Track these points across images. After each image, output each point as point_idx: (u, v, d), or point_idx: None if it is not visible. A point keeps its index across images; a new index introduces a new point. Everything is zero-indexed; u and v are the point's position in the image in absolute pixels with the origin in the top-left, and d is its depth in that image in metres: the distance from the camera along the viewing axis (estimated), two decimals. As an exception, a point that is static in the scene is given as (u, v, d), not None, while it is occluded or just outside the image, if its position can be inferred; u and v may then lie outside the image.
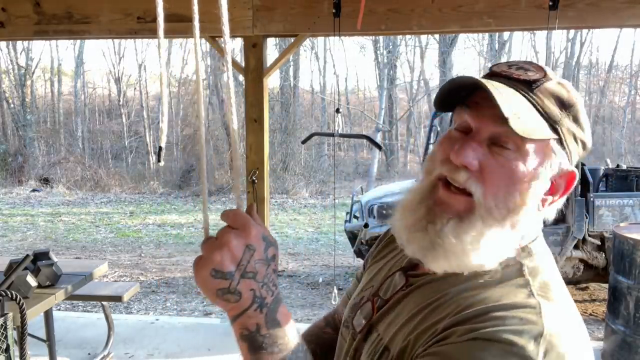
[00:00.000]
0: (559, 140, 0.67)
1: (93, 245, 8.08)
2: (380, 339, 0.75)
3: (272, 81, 18.29)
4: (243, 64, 3.51)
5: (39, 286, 2.62)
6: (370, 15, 3.11)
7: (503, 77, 0.69)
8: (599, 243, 5.07)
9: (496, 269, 0.68)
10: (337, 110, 3.48)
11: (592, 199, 4.91)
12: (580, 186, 4.84)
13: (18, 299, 1.91)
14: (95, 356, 3.47)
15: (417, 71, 19.69)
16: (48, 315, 2.97)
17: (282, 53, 3.63)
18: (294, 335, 0.62)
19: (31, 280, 2.50)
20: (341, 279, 6.12)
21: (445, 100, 0.71)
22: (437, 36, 16.06)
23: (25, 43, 17.52)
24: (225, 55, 0.63)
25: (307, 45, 18.93)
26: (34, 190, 13.71)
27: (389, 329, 0.74)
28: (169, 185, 14.21)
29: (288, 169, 15.14)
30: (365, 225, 5.20)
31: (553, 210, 0.73)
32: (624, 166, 6.17)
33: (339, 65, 20.10)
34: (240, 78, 13.49)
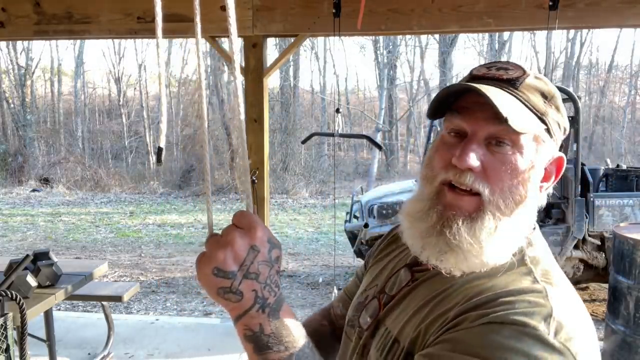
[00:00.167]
0: (547, 130, 0.71)
1: (93, 245, 8.08)
2: (388, 332, 0.76)
3: (272, 81, 18.30)
4: (243, 64, 3.52)
5: (39, 286, 2.62)
6: (370, 15, 3.11)
7: (486, 79, 0.72)
8: (599, 243, 5.07)
9: None
10: (337, 110, 3.48)
11: (592, 199, 4.90)
12: (580, 186, 4.84)
13: (18, 299, 1.91)
14: (95, 356, 3.47)
15: (417, 71, 19.72)
16: (48, 315, 2.97)
17: (282, 53, 3.63)
18: (300, 333, 0.62)
19: (31, 280, 2.50)
20: (341, 279, 6.12)
21: (435, 108, 0.74)
22: (437, 36, 16.07)
23: (25, 43, 17.54)
24: (232, 56, 0.63)
25: (307, 45, 18.93)
26: (34, 190, 13.71)
27: (397, 322, 0.76)
28: (169, 185, 14.21)
29: (288, 169, 15.14)
30: (365, 225, 5.21)
31: (545, 196, 0.77)
32: (624, 166, 6.17)
33: (339, 65, 20.12)
34: (241, 78, 13.49)
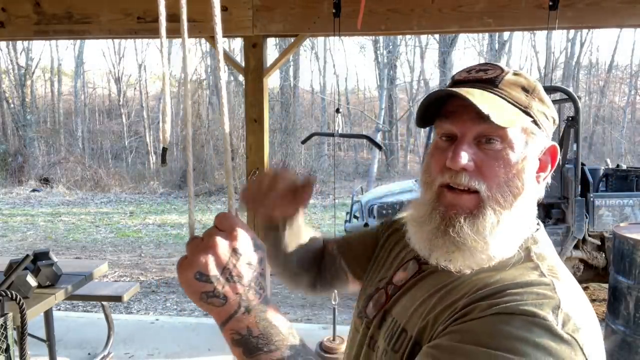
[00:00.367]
0: (534, 121, 0.73)
1: (93, 245, 8.08)
2: (396, 322, 0.77)
3: (272, 81, 18.31)
4: (243, 64, 3.51)
5: (39, 286, 2.62)
6: (370, 15, 3.11)
7: (467, 82, 0.75)
8: (599, 243, 5.07)
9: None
10: (337, 110, 3.47)
11: (592, 199, 4.90)
12: (580, 186, 4.84)
13: (18, 299, 1.91)
14: (95, 356, 3.48)
15: (417, 71, 19.72)
16: (48, 315, 2.97)
17: (282, 53, 3.63)
18: (289, 331, 0.62)
19: (31, 280, 2.50)
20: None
21: (423, 117, 0.76)
22: (437, 36, 16.07)
23: (25, 43, 17.54)
24: (217, 55, 0.63)
25: (307, 45, 18.94)
26: (34, 190, 13.71)
27: (404, 312, 0.77)
28: (169, 185, 14.21)
29: (288, 169, 15.10)
30: (365, 225, 5.21)
31: (544, 186, 0.78)
32: (624, 166, 6.17)
33: (339, 65, 20.13)
34: (240, 78, 13.49)
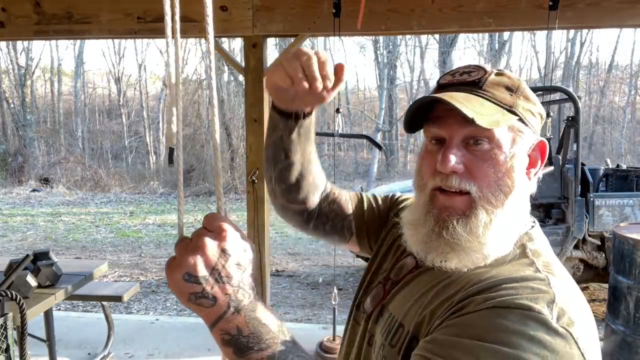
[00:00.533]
0: (521, 119, 0.74)
1: (93, 245, 8.08)
2: (393, 317, 0.78)
3: (272, 81, 18.25)
4: (243, 64, 3.51)
5: (39, 286, 2.62)
6: (370, 15, 3.11)
7: (452, 86, 0.76)
8: (599, 243, 5.06)
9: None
10: (337, 110, 3.47)
11: (592, 199, 4.90)
12: (580, 186, 4.84)
13: (18, 299, 1.91)
14: (95, 356, 3.48)
15: (417, 71, 19.73)
16: (48, 315, 2.97)
17: (282, 53, 3.63)
18: (280, 329, 0.62)
19: (31, 280, 2.50)
20: (341, 279, 6.12)
21: (411, 122, 0.77)
22: (437, 36, 16.07)
23: (25, 43, 17.54)
24: (210, 55, 0.63)
25: (307, 45, 18.92)
26: (34, 190, 13.71)
27: (401, 307, 0.78)
28: (169, 185, 14.20)
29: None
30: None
31: (536, 181, 0.79)
32: (624, 166, 6.16)
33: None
34: (240, 78, 13.49)
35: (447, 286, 0.72)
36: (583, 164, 4.94)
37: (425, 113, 0.76)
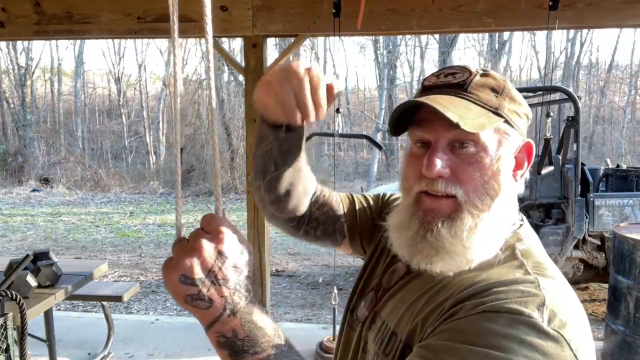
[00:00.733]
0: (506, 121, 0.73)
1: (93, 245, 8.08)
2: (386, 325, 0.78)
3: (272, 81, 18.24)
4: (243, 64, 3.51)
5: (39, 286, 2.62)
6: (370, 15, 3.11)
7: (436, 88, 0.75)
8: (599, 243, 5.07)
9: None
10: (337, 110, 3.47)
11: (592, 199, 4.90)
12: (580, 186, 4.84)
13: (18, 299, 1.91)
14: (95, 356, 3.48)
15: (417, 71, 19.71)
16: (48, 315, 2.97)
17: (282, 53, 3.63)
18: (276, 333, 0.62)
19: (31, 280, 2.50)
20: (341, 279, 6.12)
21: (396, 125, 0.76)
22: (437, 36, 16.07)
23: (25, 43, 17.54)
24: (209, 55, 0.63)
25: (307, 45, 18.92)
26: (34, 190, 13.71)
27: (393, 314, 0.77)
28: (169, 185, 14.20)
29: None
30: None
31: (523, 182, 0.79)
32: (624, 166, 6.17)
33: (339, 65, 20.09)
34: (240, 78, 13.48)
35: (438, 292, 0.72)
36: (583, 164, 4.94)
37: (410, 115, 0.75)
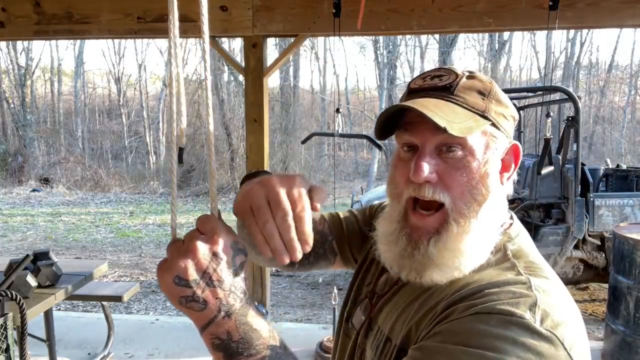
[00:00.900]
0: (493, 124, 0.72)
1: (93, 245, 8.08)
2: (381, 332, 0.78)
3: (272, 81, 18.30)
4: (243, 64, 3.52)
5: (39, 286, 2.62)
6: (370, 15, 3.11)
7: (423, 91, 0.74)
8: (599, 243, 5.07)
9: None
10: (337, 110, 3.47)
11: (592, 199, 4.90)
12: (580, 186, 4.84)
13: (18, 299, 1.91)
14: (95, 356, 3.48)
15: (417, 71, 19.69)
16: (48, 315, 2.97)
17: (282, 53, 3.63)
18: (271, 335, 0.61)
19: (31, 280, 2.50)
20: (341, 278, 6.12)
21: (383, 129, 0.76)
22: (437, 36, 16.07)
23: (25, 43, 17.53)
24: (205, 55, 0.63)
25: (307, 45, 18.93)
26: (34, 190, 13.71)
27: (388, 320, 0.77)
28: (169, 185, 14.18)
29: (288, 169, 15.13)
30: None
31: (511, 185, 0.78)
32: (624, 166, 6.17)
33: (339, 65, 20.13)
34: (240, 78, 13.48)
35: (431, 296, 0.72)
36: (583, 164, 4.94)
37: (397, 119, 0.74)
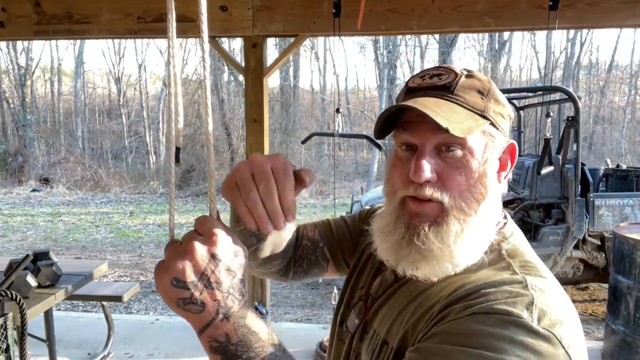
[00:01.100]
0: (492, 123, 0.72)
1: (93, 245, 8.08)
2: (377, 335, 0.77)
3: (272, 81, 18.30)
4: (243, 64, 3.52)
5: (39, 286, 2.62)
6: (370, 15, 3.11)
7: (422, 90, 0.74)
8: (599, 243, 5.06)
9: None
10: (337, 110, 3.48)
11: (592, 199, 4.90)
12: (580, 186, 4.84)
13: (18, 299, 1.91)
14: (95, 356, 3.48)
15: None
16: (48, 315, 2.97)
17: (282, 53, 3.63)
18: (269, 337, 0.61)
19: (31, 280, 2.50)
20: (341, 279, 6.10)
21: (381, 129, 0.75)
22: (437, 36, 16.07)
23: (25, 43, 17.54)
24: (204, 54, 0.63)
25: (307, 45, 18.94)
26: (34, 190, 13.71)
27: (384, 323, 0.77)
28: (169, 185, 14.20)
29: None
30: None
31: (506, 183, 0.79)
32: (624, 166, 6.16)
33: (339, 65, 20.13)
34: (240, 78, 13.48)
35: (427, 297, 0.71)
36: (583, 164, 4.94)
37: (395, 118, 0.74)
